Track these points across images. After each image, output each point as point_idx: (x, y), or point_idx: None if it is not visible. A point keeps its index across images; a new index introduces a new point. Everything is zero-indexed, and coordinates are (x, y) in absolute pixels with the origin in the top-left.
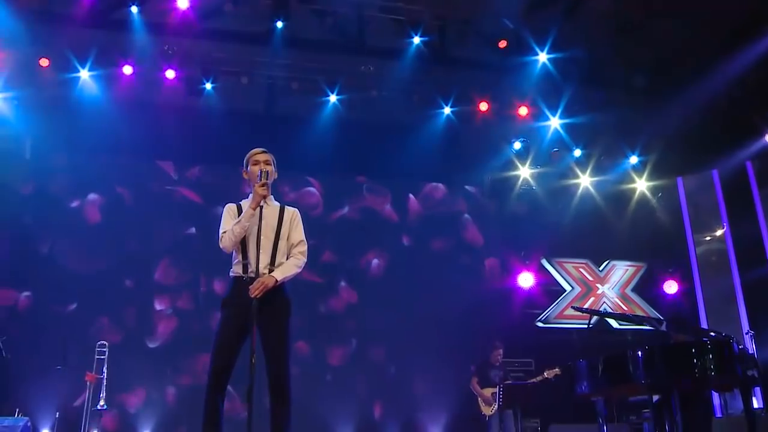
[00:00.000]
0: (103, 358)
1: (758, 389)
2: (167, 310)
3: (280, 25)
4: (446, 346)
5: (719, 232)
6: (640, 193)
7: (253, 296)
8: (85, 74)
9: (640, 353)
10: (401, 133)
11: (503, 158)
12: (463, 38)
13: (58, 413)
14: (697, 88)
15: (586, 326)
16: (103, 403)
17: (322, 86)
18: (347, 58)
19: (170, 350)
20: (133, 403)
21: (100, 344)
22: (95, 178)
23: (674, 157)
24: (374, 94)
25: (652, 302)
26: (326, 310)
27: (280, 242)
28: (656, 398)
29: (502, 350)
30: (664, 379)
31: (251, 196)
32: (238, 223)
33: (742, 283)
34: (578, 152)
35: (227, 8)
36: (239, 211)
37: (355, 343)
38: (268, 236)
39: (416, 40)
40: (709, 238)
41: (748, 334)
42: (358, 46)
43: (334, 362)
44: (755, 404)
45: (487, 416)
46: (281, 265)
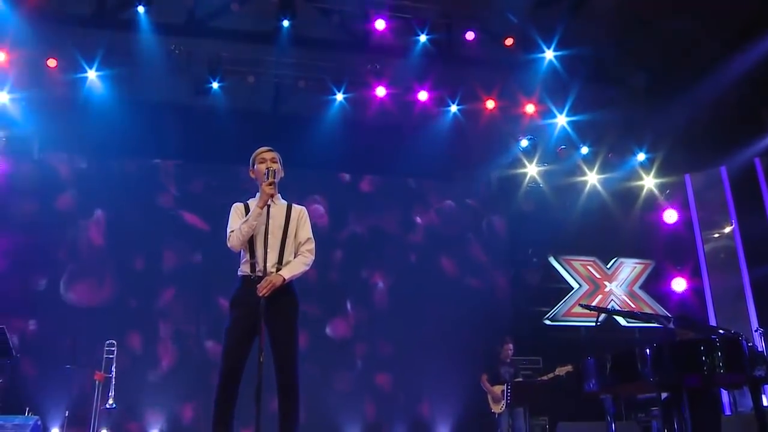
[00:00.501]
0: (111, 357)
1: None
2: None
3: (286, 23)
4: (453, 343)
5: (728, 229)
6: (647, 190)
7: (261, 295)
8: (92, 74)
9: (648, 351)
10: (408, 131)
11: (510, 156)
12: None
13: (67, 412)
14: (704, 84)
15: (594, 324)
16: (112, 402)
17: (328, 85)
18: (353, 56)
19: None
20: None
21: (108, 343)
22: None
23: (682, 154)
24: (380, 92)
25: (660, 300)
26: (333, 306)
27: (287, 240)
28: (665, 396)
29: (512, 345)
30: (672, 376)
31: (258, 194)
32: (245, 222)
33: (750, 280)
34: (585, 149)
35: (233, 7)
36: (246, 210)
37: (361, 339)
38: (275, 235)
39: (423, 38)
40: (717, 235)
41: (757, 331)
42: (364, 44)
43: (340, 359)
44: (765, 402)
45: (496, 414)
46: (289, 263)
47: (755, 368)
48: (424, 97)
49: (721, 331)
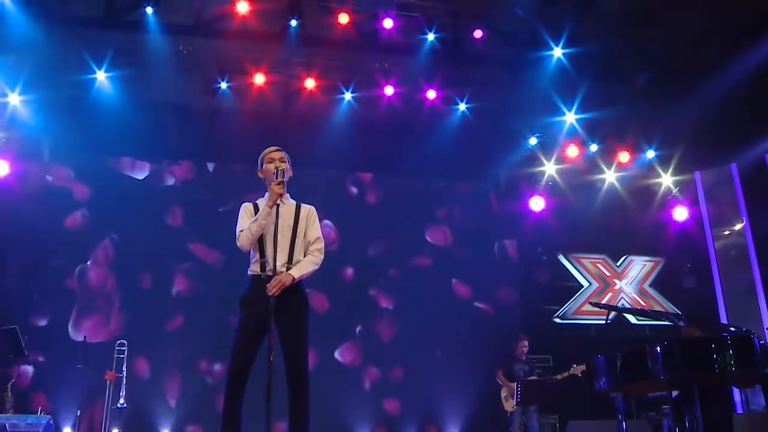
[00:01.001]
0: (122, 357)
1: None
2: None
3: (294, 23)
4: (464, 343)
5: (738, 226)
6: (657, 187)
7: (270, 294)
8: (101, 75)
9: (658, 349)
10: (416, 130)
11: (519, 154)
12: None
13: (79, 411)
14: (714, 81)
15: (604, 322)
16: (122, 401)
17: (337, 84)
18: (362, 55)
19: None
20: None
21: (119, 343)
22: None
23: (692, 151)
24: (389, 91)
25: (670, 297)
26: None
27: (296, 240)
28: (675, 394)
29: (527, 341)
30: (683, 374)
31: (267, 194)
32: (255, 221)
33: (762, 277)
34: (594, 147)
35: (241, 8)
36: (256, 210)
37: (371, 336)
38: (284, 234)
39: (430, 36)
40: (728, 232)
41: None
42: (372, 43)
43: (349, 357)
44: None
45: (508, 413)
46: (298, 262)
47: (767, 366)
48: (432, 95)
49: (732, 328)
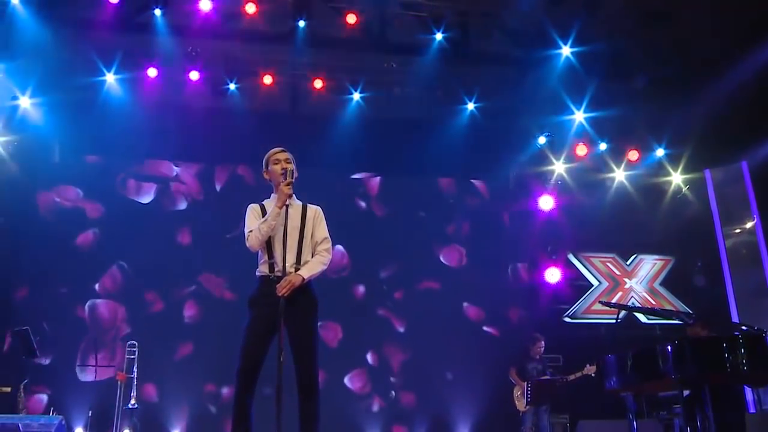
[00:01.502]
0: (133, 357)
1: None
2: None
3: (302, 24)
4: (475, 342)
5: (749, 224)
6: (667, 185)
7: (280, 295)
8: (110, 78)
9: (669, 348)
10: (425, 130)
11: (528, 153)
12: (485, 33)
13: (90, 411)
14: (724, 78)
15: (614, 321)
16: (134, 401)
17: (345, 84)
18: (370, 55)
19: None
20: None
21: (129, 344)
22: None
23: (702, 149)
24: (397, 91)
25: (681, 296)
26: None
27: (304, 240)
28: (687, 393)
29: (543, 342)
30: (694, 374)
31: (273, 195)
32: (265, 222)
33: None
34: (603, 146)
35: (249, 8)
36: (262, 210)
37: (382, 336)
38: (292, 235)
39: (438, 36)
40: (738, 230)
41: None
42: (380, 43)
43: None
44: None
45: (521, 412)
46: (307, 263)
47: None
48: (440, 95)
49: (744, 327)
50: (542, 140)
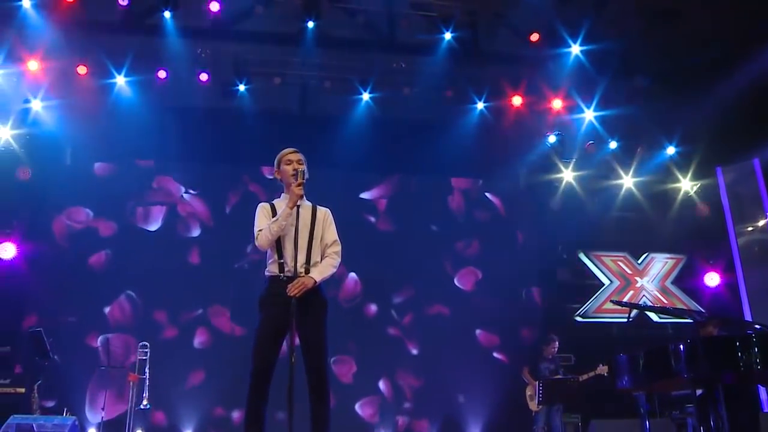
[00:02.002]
0: (144, 358)
1: None
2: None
3: (311, 25)
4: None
5: (761, 222)
6: (678, 184)
7: (291, 295)
8: (121, 80)
9: (682, 347)
10: (434, 130)
11: (539, 152)
12: (494, 32)
13: (104, 412)
14: (735, 75)
15: (625, 320)
16: (146, 402)
17: (354, 85)
18: (379, 55)
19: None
20: None
21: (141, 345)
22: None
23: (713, 147)
24: (407, 91)
25: (693, 295)
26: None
27: (314, 241)
28: (699, 393)
29: (557, 343)
30: (707, 373)
31: (284, 195)
32: (275, 221)
33: None
34: (614, 144)
35: (258, 10)
36: (272, 210)
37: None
38: (303, 236)
39: (447, 35)
40: (751, 228)
41: None
42: (389, 43)
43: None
44: None
45: (534, 412)
46: (317, 264)
47: None
48: (450, 95)
49: (757, 326)
50: (552, 139)
